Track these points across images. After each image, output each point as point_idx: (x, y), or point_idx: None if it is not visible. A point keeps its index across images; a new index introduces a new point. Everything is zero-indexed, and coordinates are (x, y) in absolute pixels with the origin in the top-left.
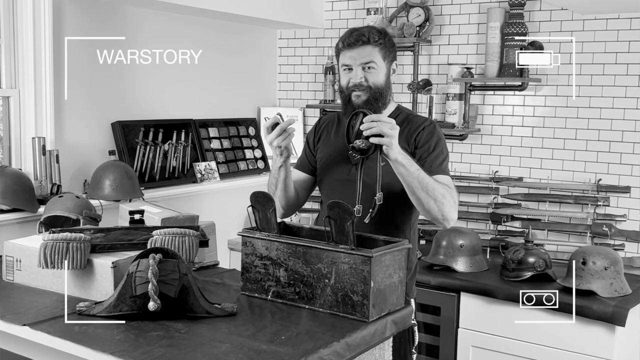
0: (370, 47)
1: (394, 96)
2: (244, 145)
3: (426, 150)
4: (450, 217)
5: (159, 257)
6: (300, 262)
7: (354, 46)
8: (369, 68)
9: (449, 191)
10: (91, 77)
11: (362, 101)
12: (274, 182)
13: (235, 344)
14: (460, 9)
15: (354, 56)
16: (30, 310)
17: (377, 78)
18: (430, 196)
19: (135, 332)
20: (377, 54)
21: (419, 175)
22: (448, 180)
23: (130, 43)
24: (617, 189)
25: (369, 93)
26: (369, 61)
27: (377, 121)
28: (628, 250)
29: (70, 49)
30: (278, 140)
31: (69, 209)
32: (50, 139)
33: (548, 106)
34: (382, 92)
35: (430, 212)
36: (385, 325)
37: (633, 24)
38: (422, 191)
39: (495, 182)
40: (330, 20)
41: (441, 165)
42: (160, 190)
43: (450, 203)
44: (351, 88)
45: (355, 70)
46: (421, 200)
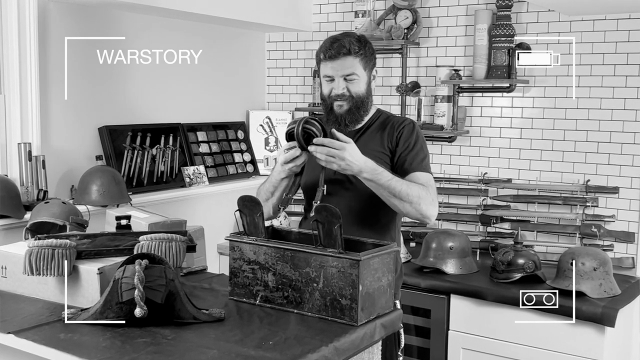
0: (351, 58)
1: (378, 99)
2: (232, 149)
3: (406, 148)
4: (429, 214)
5: (145, 262)
6: (288, 266)
7: (335, 58)
8: (351, 80)
9: (424, 190)
10: (77, 82)
11: (345, 110)
12: (271, 189)
13: (223, 350)
14: (448, 11)
15: (336, 67)
16: (15, 318)
17: (359, 87)
18: (405, 201)
19: (122, 339)
20: (358, 64)
21: (390, 185)
22: (427, 178)
23: (116, 46)
24: (606, 189)
25: (351, 103)
26: (350, 73)
27: (324, 146)
28: (617, 250)
29: (55, 53)
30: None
31: (55, 215)
32: (37, 145)
33: (536, 107)
34: (363, 101)
35: (410, 214)
36: (374, 328)
37: (620, 25)
38: (396, 198)
39: (484, 183)
40: (318, 23)
41: (422, 162)
42: (148, 195)
43: (427, 201)
44: (333, 98)
45: (337, 81)
46: (397, 206)
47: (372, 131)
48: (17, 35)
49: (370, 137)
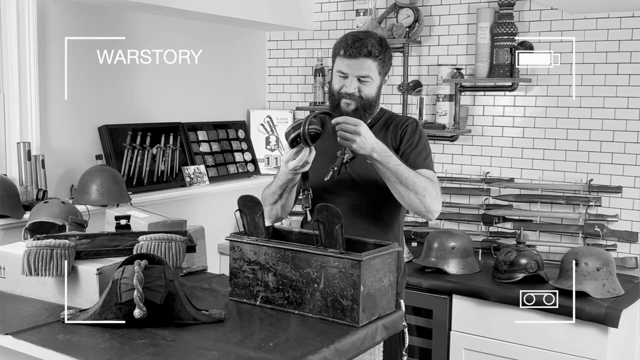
0: (370, 61)
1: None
2: (233, 148)
3: (409, 146)
4: (433, 209)
5: (145, 263)
6: (289, 266)
7: (355, 57)
8: (364, 82)
9: (430, 183)
10: (76, 82)
11: (351, 110)
12: (279, 192)
13: (223, 351)
14: (450, 9)
15: (352, 66)
16: (14, 319)
17: (370, 90)
18: (410, 189)
19: (121, 340)
20: (374, 68)
21: (398, 170)
22: (431, 175)
23: (116, 45)
24: (609, 189)
25: (359, 103)
26: (365, 75)
27: (341, 123)
28: (620, 250)
29: (54, 52)
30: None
31: (54, 214)
32: (36, 144)
33: (539, 106)
34: (371, 103)
35: (413, 205)
36: (375, 329)
37: (623, 23)
38: (402, 185)
39: (486, 183)
40: (319, 21)
41: (425, 160)
42: (148, 194)
43: (432, 195)
44: (343, 95)
45: (351, 80)
46: (402, 194)
47: (375, 130)
48: (17, 35)
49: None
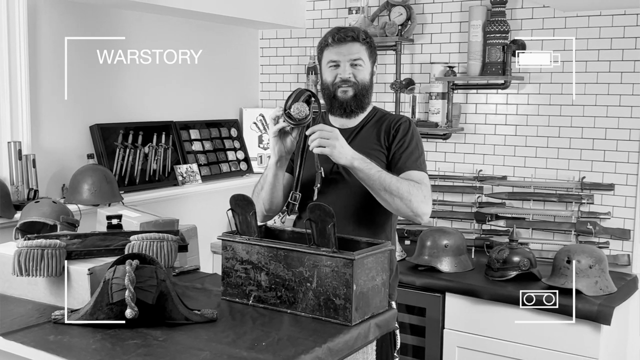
0: (358, 45)
1: (372, 96)
2: (226, 147)
3: (401, 146)
4: (421, 212)
5: (136, 263)
6: (281, 265)
7: (343, 42)
8: (357, 65)
9: (416, 187)
10: (68, 80)
11: (350, 96)
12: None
13: (215, 351)
14: (442, 7)
15: (343, 52)
16: (4, 320)
17: (364, 75)
18: (395, 195)
19: (112, 341)
20: (364, 52)
21: (380, 177)
22: (421, 176)
23: (108, 45)
24: (601, 186)
25: (355, 89)
26: (357, 58)
27: (318, 131)
28: (613, 248)
29: (45, 50)
30: (274, 129)
31: (45, 214)
32: (27, 143)
33: (531, 104)
34: (367, 90)
35: (400, 211)
36: (368, 328)
37: (615, 21)
38: (386, 192)
39: (479, 181)
40: (312, 20)
41: (416, 161)
42: (140, 193)
43: (419, 198)
44: (338, 84)
45: (343, 65)
46: (387, 201)
47: (368, 129)
48: (7, 33)
49: (367, 135)
